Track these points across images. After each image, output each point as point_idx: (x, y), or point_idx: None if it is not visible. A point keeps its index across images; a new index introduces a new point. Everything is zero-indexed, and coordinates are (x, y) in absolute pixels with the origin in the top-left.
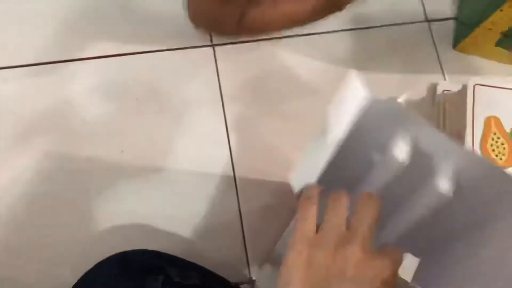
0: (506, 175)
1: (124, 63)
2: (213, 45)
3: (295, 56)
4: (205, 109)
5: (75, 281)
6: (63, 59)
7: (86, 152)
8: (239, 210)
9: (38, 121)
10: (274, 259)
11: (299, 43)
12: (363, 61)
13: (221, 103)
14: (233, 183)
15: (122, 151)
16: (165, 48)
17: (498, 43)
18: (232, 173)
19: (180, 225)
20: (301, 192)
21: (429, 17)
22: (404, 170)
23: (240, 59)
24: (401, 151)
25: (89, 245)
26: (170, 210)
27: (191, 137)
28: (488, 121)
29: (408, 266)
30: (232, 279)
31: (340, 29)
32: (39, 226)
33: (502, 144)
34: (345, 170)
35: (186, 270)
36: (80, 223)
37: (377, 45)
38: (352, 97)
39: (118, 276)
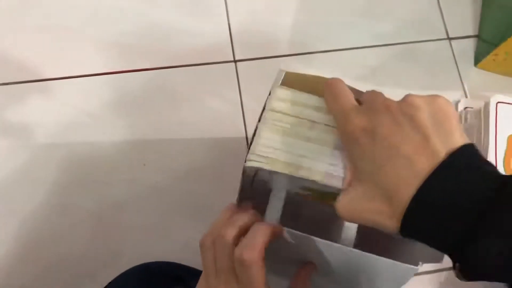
0: None
1: (147, 77)
2: (235, 61)
3: (314, 71)
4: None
5: None
6: (85, 73)
7: (107, 164)
8: None
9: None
10: None
11: (320, 59)
12: (383, 77)
13: (242, 118)
14: None
15: (144, 164)
16: (191, 63)
17: None
18: None
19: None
20: None
21: (451, 34)
22: None
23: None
24: None
25: (110, 258)
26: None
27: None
28: (510, 138)
29: None
30: None
31: (361, 46)
32: (59, 238)
33: None
34: None
35: None
36: (100, 235)
37: (398, 62)
38: None
39: (141, 286)
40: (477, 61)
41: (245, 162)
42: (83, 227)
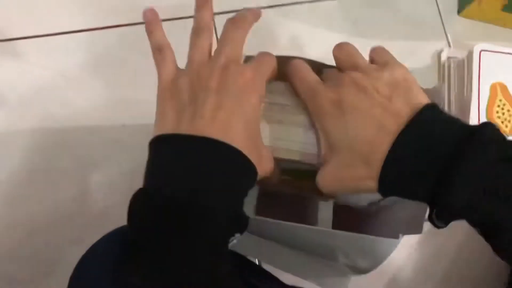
0: None
1: (122, 34)
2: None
3: (297, 24)
4: None
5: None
6: (58, 31)
7: (85, 126)
8: None
9: (34, 94)
10: None
11: (301, 10)
12: (364, 28)
13: None
14: None
15: (123, 125)
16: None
17: (505, 8)
18: None
19: None
20: None
21: None
22: None
23: None
24: None
25: (97, 219)
26: None
27: None
28: (493, 87)
29: None
30: None
31: None
32: (41, 202)
33: (508, 111)
34: None
35: None
36: (86, 197)
37: (380, 12)
38: None
39: (121, 246)
40: (460, 9)
41: None
42: (66, 190)
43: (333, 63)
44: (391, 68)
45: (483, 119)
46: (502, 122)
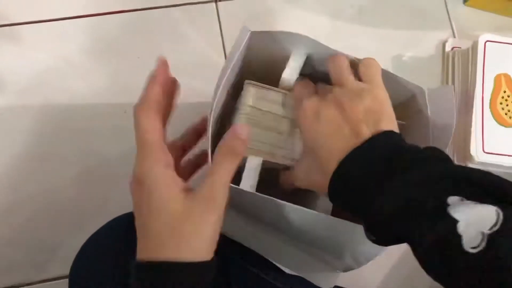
0: None
1: (125, 20)
2: (216, 1)
3: (301, 11)
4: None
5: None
6: (59, 17)
7: (87, 112)
8: None
9: (35, 80)
10: None
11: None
12: (369, 17)
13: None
14: None
15: (125, 111)
16: (168, 4)
17: None
18: None
19: None
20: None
21: None
22: None
23: (245, 16)
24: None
25: (98, 206)
26: None
27: None
28: (498, 78)
29: None
30: None
31: None
32: (42, 188)
33: None
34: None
35: None
36: (86, 184)
37: (383, 2)
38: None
39: (130, 233)
40: None
41: None
42: (66, 176)
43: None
44: (372, 93)
45: (487, 110)
46: (506, 113)
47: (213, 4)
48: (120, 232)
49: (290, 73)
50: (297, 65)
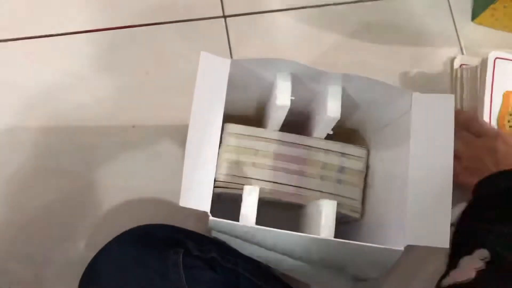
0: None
1: (133, 35)
2: (224, 17)
3: (307, 27)
4: None
5: (92, 254)
6: (68, 31)
7: (96, 126)
8: None
9: (41, 94)
10: None
11: (313, 14)
12: (377, 32)
13: None
14: None
15: (133, 126)
16: (177, 19)
17: None
18: None
19: None
20: None
21: None
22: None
23: (254, 31)
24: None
25: (103, 220)
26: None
27: None
28: (506, 96)
29: None
30: None
31: (355, 0)
32: (47, 202)
33: None
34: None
35: (204, 244)
36: (91, 198)
37: (393, 16)
38: (215, 70)
39: (138, 248)
40: (474, 16)
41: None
42: (71, 190)
43: (338, 67)
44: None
45: (494, 127)
46: None
47: (222, 20)
48: (131, 245)
49: (283, 97)
50: (288, 87)
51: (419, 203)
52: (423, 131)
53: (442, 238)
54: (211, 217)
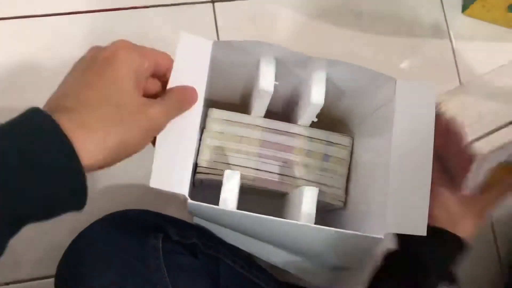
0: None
1: (120, 17)
2: (213, 1)
3: (297, 16)
4: None
5: (72, 238)
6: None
7: None
8: None
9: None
10: None
11: (303, 1)
12: (369, 23)
13: None
14: None
15: None
16: (165, 3)
17: (510, 9)
18: None
19: None
20: None
21: None
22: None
23: (242, 17)
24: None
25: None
26: None
27: None
28: None
29: None
30: None
31: None
32: None
33: None
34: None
35: (185, 229)
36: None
37: (383, 8)
38: (196, 50)
39: (118, 233)
40: (465, 7)
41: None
42: None
43: (327, 56)
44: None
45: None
46: None
47: (210, 5)
48: (110, 230)
49: (266, 81)
50: (271, 72)
51: (399, 191)
52: (405, 120)
53: (419, 227)
54: (189, 200)
